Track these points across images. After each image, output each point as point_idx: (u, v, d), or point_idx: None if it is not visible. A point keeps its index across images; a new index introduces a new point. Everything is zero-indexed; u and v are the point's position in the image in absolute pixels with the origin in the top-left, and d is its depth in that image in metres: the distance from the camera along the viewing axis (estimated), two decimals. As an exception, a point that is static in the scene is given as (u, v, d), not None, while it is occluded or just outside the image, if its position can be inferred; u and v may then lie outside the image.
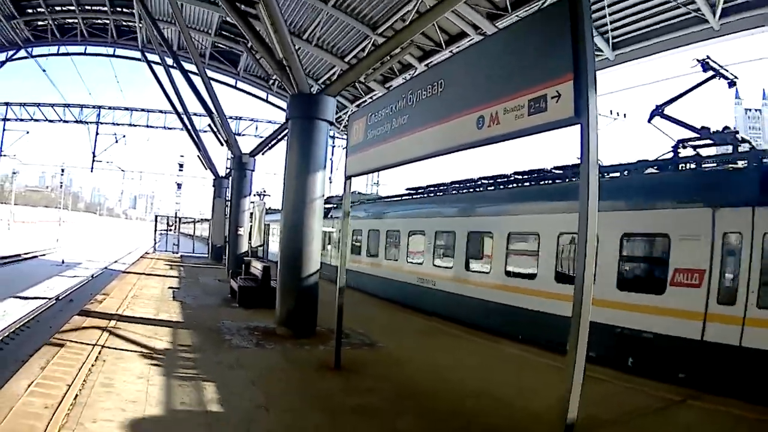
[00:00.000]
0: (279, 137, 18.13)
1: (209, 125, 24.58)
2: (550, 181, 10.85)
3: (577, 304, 3.28)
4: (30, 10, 24.71)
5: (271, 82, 26.86)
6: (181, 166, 55.37)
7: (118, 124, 34.74)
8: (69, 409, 4.90)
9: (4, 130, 35.10)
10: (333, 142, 30.86)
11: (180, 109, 24.44)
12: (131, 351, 7.31)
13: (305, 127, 9.18)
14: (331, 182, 29.89)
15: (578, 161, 3.51)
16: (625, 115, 22.92)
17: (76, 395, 5.27)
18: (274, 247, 21.24)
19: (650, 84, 17.16)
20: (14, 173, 69.26)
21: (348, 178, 7.36)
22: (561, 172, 10.71)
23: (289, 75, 9.24)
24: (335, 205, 19.22)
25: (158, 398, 5.39)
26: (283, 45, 9.03)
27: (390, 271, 14.58)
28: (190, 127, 25.00)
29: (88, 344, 7.36)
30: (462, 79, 4.61)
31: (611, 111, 23.02)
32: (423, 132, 5.12)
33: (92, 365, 6.39)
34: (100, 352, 7.02)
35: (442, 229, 12.38)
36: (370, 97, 20.29)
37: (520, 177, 11.72)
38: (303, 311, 9.02)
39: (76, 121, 34.16)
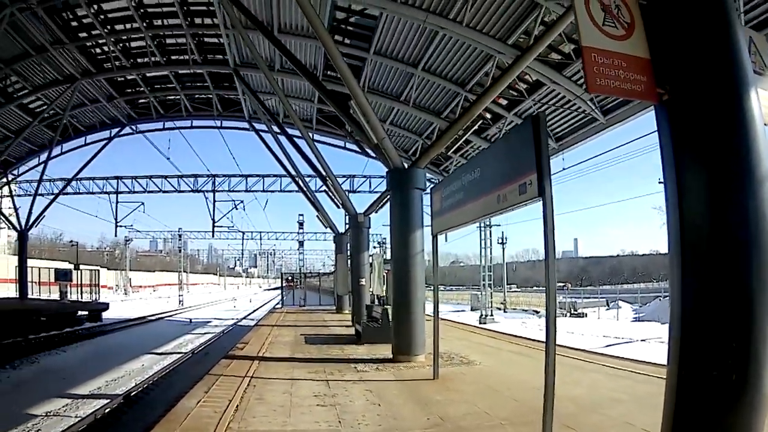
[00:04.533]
0: (385, 200, 20.68)
1: (323, 189, 27.52)
2: None
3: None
4: (129, 90, 26.52)
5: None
6: (300, 224, 59.67)
7: (234, 191, 36.81)
8: (233, 413, 7.02)
9: (117, 202, 38.20)
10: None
11: (293, 172, 26.56)
12: (275, 379, 9.55)
13: (401, 195, 11.76)
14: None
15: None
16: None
17: (237, 406, 7.40)
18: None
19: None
20: (127, 241, 71.77)
21: (434, 235, 9.72)
22: None
23: (384, 154, 11.90)
24: None
25: (299, 403, 7.62)
26: (376, 132, 11.74)
27: None
28: (305, 189, 27.56)
29: (238, 376, 9.64)
30: (487, 169, 6.96)
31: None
32: (470, 204, 7.49)
33: (245, 389, 8.58)
34: (250, 381, 9.24)
35: None
36: (471, 147, 22.28)
37: None
38: (412, 341, 11.34)
39: (192, 191, 36.48)
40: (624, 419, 6.08)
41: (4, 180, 32.24)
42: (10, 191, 33.54)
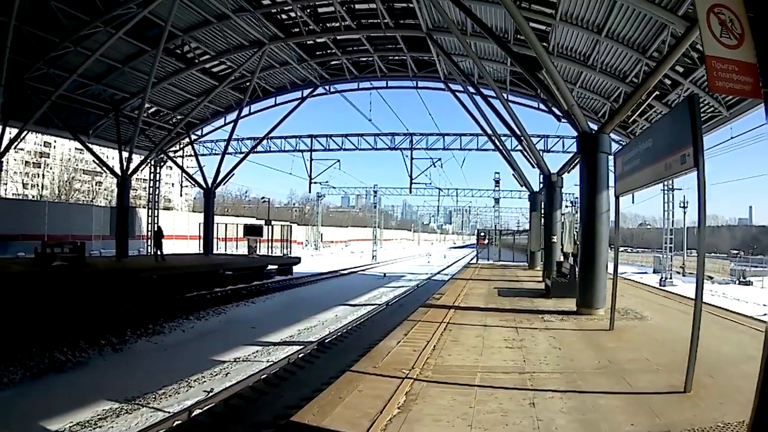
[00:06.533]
0: (577, 161, 21.06)
1: (518, 148, 28.16)
2: None
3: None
4: (320, 52, 27.53)
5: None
6: (497, 182, 60.62)
7: (432, 149, 37.67)
8: (431, 351, 8.26)
9: (311, 160, 39.93)
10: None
11: (489, 131, 27.54)
12: (469, 325, 10.86)
13: (589, 159, 12.67)
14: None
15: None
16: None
17: (434, 346, 8.67)
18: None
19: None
20: (319, 196, 74.98)
21: (617, 197, 10.51)
22: None
23: (573, 120, 12.85)
24: None
25: (490, 345, 8.95)
26: (566, 99, 12.73)
27: None
28: (502, 147, 28.41)
29: (435, 322, 10.98)
30: (658, 139, 7.82)
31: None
32: (645, 169, 8.36)
33: (442, 332, 9.91)
34: (446, 326, 10.55)
35: None
36: (654, 111, 21.76)
37: None
38: (594, 296, 12.31)
39: (389, 149, 37.62)
40: (753, 373, 6.82)
41: (187, 140, 35.18)
42: (194, 151, 36.41)
